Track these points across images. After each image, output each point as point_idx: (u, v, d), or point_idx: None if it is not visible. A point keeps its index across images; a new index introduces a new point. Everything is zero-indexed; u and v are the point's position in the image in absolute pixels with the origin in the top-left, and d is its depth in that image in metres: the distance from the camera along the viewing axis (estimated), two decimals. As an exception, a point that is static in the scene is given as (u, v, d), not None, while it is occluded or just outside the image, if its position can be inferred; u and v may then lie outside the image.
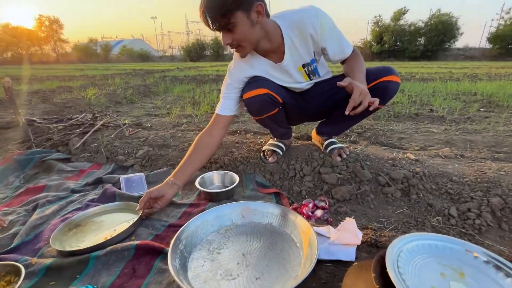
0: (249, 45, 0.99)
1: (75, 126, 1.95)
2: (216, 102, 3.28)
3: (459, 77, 5.89)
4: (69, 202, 1.13)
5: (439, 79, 5.50)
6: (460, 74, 6.66)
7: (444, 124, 2.25)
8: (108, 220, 1.02)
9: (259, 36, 0.99)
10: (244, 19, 0.91)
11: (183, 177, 1.11)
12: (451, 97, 3.45)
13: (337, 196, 1.13)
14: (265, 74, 1.14)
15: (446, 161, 1.31)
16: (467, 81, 5.14)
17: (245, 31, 0.93)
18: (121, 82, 5.54)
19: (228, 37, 0.95)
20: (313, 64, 1.15)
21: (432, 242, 0.53)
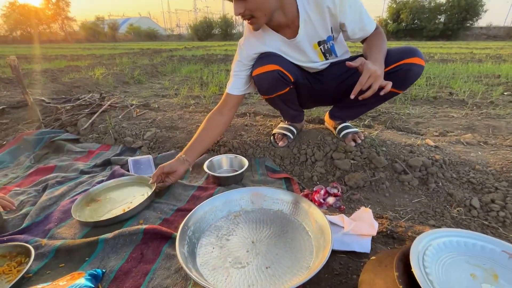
0: (262, 15, 0.91)
1: (83, 107, 1.93)
2: (224, 83, 3.20)
3: (481, 58, 5.54)
4: (78, 183, 1.13)
5: (459, 60, 5.19)
6: (483, 55, 6.26)
7: (465, 109, 2.12)
8: (123, 193, 1.05)
9: (273, 6, 0.91)
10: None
11: (194, 154, 1.11)
12: (472, 80, 3.25)
13: (350, 183, 1.09)
14: (277, 51, 1.07)
15: (468, 148, 1.24)
16: (490, 62, 4.83)
17: (260, 0, 0.86)
18: (128, 61, 5.47)
19: (241, 6, 0.87)
20: (330, 42, 1.06)
21: (461, 239, 0.49)
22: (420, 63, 1.00)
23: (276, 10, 0.93)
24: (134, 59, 6.12)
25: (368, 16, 1.00)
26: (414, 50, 1.01)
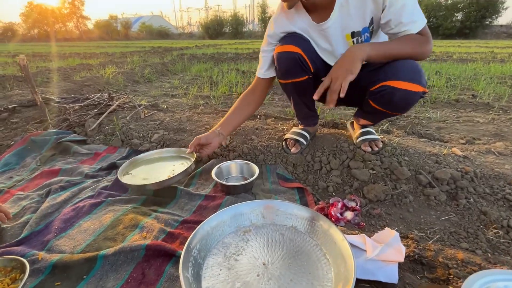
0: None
1: (91, 107, 1.91)
2: (234, 82, 3.14)
3: (503, 58, 5.27)
4: (81, 188, 1.08)
5: (480, 60, 4.95)
6: (505, 55, 5.95)
7: (491, 113, 1.98)
8: (164, 163, 1.17)
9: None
10: None
11: (228, 128, 1.17)
12: (496, 81, 3.07)
13: (369, 196, 1.00)
14: (306, 34, 1.00)
15: (501, 159, 1.12)
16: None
17: None
18: (139, 60, 5.48)
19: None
20: (365, 35, 0.93)
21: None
22: (409, 88, 0.85)
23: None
24: (145, 58, 6.14)
25: (413, 13, 0.84)
26: (408, 71, 0.85)
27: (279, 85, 1.17)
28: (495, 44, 11.06)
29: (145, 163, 1.20)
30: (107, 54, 7.75)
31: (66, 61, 5.71)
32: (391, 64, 0.89)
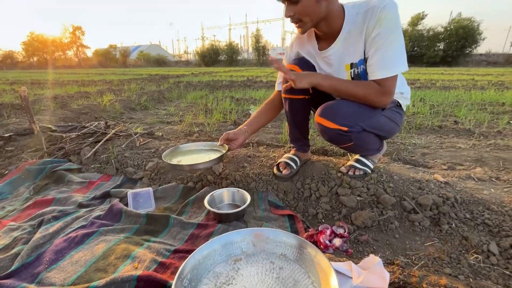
0: (309, 20, 0.95)
1: (87, 135, 1.95)
2: (228, 110, 3.25)
3: (483, 85, 5.59)
4: (74, 218, 1.09)
5: (461, 87, 5.24)
6: (485, 82, 6.32)
7: (472, 139, 2.09)
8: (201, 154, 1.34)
9: (321, 13, 0.94)
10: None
11: (252, 128, 1.31)
12: (476, 108, 3.25)
13: (357, 222, 1.03)
14: (311, 59, 1.14)
15: (480, 185, 1.18)
16: (493, 89, 4.86)
17: (308, 5, 0.91)
18: (136, 87, 5.63)
19: (291, 9, 0.94)
20: (361, 66, 1.01)
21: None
22: (323, 124, 1.00)
23: (323, 20, 0.97)
24: (142, 85, 6.32)
25: (387, 63, 0.92)
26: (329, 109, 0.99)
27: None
28: (475, 71, 11.73)
29: (183, 154, 1.38)
30: (105, 81, 7.95)
31: (64, 88, 5.83)
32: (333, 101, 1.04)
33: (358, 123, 1.00)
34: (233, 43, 38.53)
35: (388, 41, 0.90)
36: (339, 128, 0.99)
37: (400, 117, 1.15)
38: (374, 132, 1.09)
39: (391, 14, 0.88)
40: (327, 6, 0.94)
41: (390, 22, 0.88)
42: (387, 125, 1.10)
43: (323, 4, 0.93)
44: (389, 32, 0.89)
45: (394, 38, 0.90)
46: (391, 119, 1.10)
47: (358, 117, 1.00)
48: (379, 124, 1.07)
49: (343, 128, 0.99)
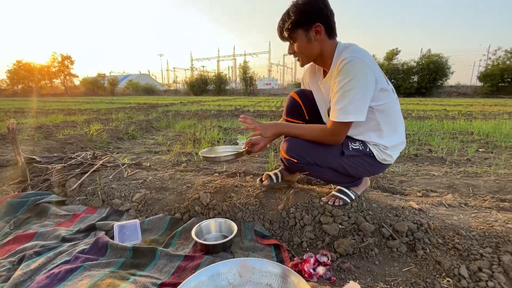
0: (305, 57, 1.15)
1: (74, 166, 1.94)
2: (216, 139, 3.32)
3: (454, 116, 6.04)
4: (57, 253, 1.07)
5: (435, 117, 5.64)
6: (455, 112, 6.83)
7: (444, 166, 2.24)
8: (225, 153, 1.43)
9: (314, 52, 1.12)
10: (303, 36, 1.08)
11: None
12: (448, 137, 3.49)
13: (339, 250, 1.08)
14: (313, 84, 1.32)
15: (451, 211, 1.28)
16: (462, 119, 5.26)
17: (302, 46, 1.10)
18: (124, 117, 5.67)
19: (290, 48, 1.15)
20: None
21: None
22: (282, 154, 1.20)
23: (318, 56, 1.14)
24: (130, 114, 6.37)
25: (342, 107, 1.01)
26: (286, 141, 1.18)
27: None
28: (447, 102, 12.66)
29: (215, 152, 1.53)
30: (92, 110, 7.93)
31: (49, 117, 5.76)
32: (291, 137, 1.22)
33: (305, 158, 1.15)
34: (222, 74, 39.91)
35: (344, 90, 1.00)
36: (290, 158, 1.17)
37: (370, 166, 1.20)
38: (334, 168, 1.18)
39: (352, 67, 0.99)
40: (320, 47, 1.10)
41: (349, 74, 0.99)
42: (351, 168, 1.19)
43: (315, 45, 1.10)
44: (346, 83, 1.00)
45: (350, 88, 0.99)
46: (355, 165, 1.18)
47: (306, 153, 1.15)
48: (337, 165, 1.17)
49: (292, 159, 1.16)
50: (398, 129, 1.20)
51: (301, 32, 1.07)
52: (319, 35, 1.07)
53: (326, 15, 1.06)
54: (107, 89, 41.46)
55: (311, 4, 1.04)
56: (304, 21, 1.05)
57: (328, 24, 1.07)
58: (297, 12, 1.04)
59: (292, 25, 1.06)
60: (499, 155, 2.60)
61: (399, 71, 28.65)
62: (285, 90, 42.06)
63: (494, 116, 6.08)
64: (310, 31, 1.06)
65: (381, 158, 1.20)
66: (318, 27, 1.06)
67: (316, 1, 1.04)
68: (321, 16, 1.05)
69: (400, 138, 1.22)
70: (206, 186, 1.56)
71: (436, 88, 27.83)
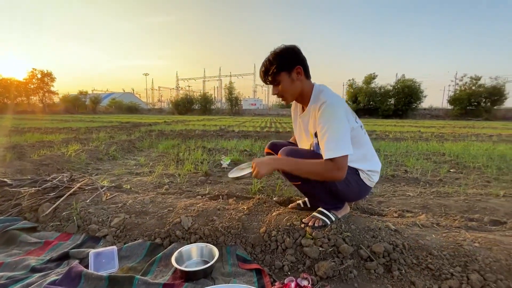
0: (289, 96, 1.29)
1: (48, 189, 1.86)
2: (200, 160, 3.31)
3: (427, 137, 6.40)
4: (25, 285, 1.01)
5: (410, 139, 5.95)
6: (429, 134, 7.25)
7: (419, 187, 2.35)
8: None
9: (297, 91, 1.27)
10: (286, 77, 1.23)
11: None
12: (422, 158, 3.69)
13: (320, 273, 1.09)
14: (295, 117, 1.44)
15: (424, 231, 1.34)
16: (435, 141, 5.58)
17: (286, 86, 1.24)
18: (105, 136, 5.53)
19: (275, 89, 1.27)
20: (316, 139, 1.26)
21: None
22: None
23: (300, 95, 1.29)
24: (112, 133, 6.23)
25: (330, 144, 1.12)
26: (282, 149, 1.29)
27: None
28: (422, 124, 13.43)
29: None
30: (71, 129, 7.68)
31: (23, 136, 5.51)
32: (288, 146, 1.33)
33: None
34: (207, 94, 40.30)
35: (332, 130, 1.13)
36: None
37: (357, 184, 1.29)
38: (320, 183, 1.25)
39: (333, 110, 1.15)
40: (301, 86, 1.26)
41: (331, 116, 1.14)
42: (342, 185, 1.25)
43: (298, 84, 1.25)
44: (331, 124, 1.14)
45: (336, 128, 1.13)
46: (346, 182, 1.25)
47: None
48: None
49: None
50: (371, 157, 1.35)
51: (285, 74, 1.22)
52: (301, 76, 1.24)
53: (302, 59, 1.24)
54: (89, 107, 40.42)
55: (288, 51, 1.22)
56: (286, 65, 1.21)
57: (304, 66, 1.25)
58: (279, 58, 1.21)
59: (276, 69, 1.21)
60: (468, 175, 2.77)
61: (377, 94, 30.28)
62: (270, 110, 42.97)
63: (463, 138, 6.52)
64: (292, 73, 1.22)
65: (363, 176, 1.32)
66: (299, 69, 1.22)
67: (291, 49, 1.22)
68: (299, 60, 1.23)
69: (373, 166, 1.35)
70: (188, 209, 1.55)
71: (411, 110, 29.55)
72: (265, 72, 1.24)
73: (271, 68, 1.22)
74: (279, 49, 1.22)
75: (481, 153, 3.95)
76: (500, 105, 28.18)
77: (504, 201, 1.95)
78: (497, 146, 4.81)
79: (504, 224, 1.50)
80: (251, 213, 1.51)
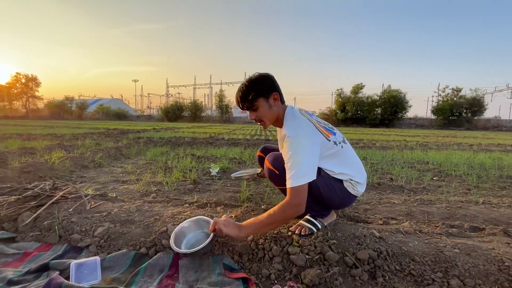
0: (267, 121, 1.34)
1: (29, 198, 1.80)
2: (188, 168, 3.28)
3: (412, 146, 6.60)
4: (1, 299, 0.96)
5: (396, 147, 6.11)
6: (413, 143, 7.47)
7: (403, 194, 2.42)
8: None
9: (274, 116, 1.33)
10: (264, 103, 1.29)
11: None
12: (407, 166, 3.80)
13: (306, 281, 1.10)
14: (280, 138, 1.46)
15: (407, 238, 1.37)
16: (419, 150, 5.76)
17: (264, 111, 1.30)
18: (91, 143, 5.40)
19: (253, 114, 1.32)
20: None
21: None
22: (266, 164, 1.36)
23: (276, 120, 1.36)
24: (99, 140, 6.09)
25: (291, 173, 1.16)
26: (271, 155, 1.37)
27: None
28: (407, 133, 13.83)
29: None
30: (55, 136, 7.46)
31: (4, 142, 5.31)
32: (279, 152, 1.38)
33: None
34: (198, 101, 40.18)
35: (291, 161, 1.18)
36: (273, 169, 1.31)
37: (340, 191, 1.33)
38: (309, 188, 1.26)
39: (293, 142, 1.20)
40: (277, 111, 1.33)
41: (292, 147, 1.19)
42: (325, 189, 1.29)
43: (275, 109, 1.32)
44: (290, 155, 1.18)
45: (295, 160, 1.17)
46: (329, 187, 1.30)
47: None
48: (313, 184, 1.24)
49: (275, 170, 1.30)
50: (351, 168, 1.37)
51: (262, 100, 1.28)
52: (277, 101, 1.31)
53: (277, 86, 1.32)
54: (75, 113, 39.43)
55: (265, 78, 1.30)
56: (264, 91, 1.28)
57: (279, 92, 1.33)
58: (256, 85, 1.27)
59: (254, 96, 1.27)
60: (450, 183, 2.87)
61: (364, 104, 31.08)
62: (260, 118, 43.08)
63: (446, 147, 6.76)
64: (269, 99, 1.29)
65: (347, 185, 1.35)
66: (275, 95, 1.30)
67: (267, 76, 1.30)
68: (275, 86, 1.31)
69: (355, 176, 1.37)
70: (175, 218, 1.53)
71: (397, 119, 30.45)
72: (243, 98, 1.29)
73: (249, 93, 1.27)
74: (255, 76, 1.29)
75: (462, 162, 4.11)
76: (480, 116, 29.52)
77: (483, 208, 2.02)
78: (477, 155, 5.01)
79: (483, 231, 1.56)
80: (239, 221, 1.51)
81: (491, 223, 1.74)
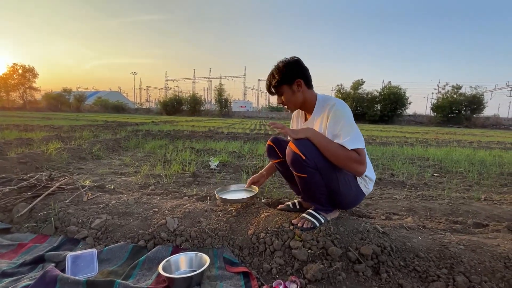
0: (292, 105, 1.38)
1: (25, 189, 1.76)
2: (187, 161, 3.25)
3: (412, 142, 6.58)
4: (-6, 291, 0.93)
5: (396, 143, 6.09)
6: (413, 139, 7.45)
7: (405, 190, 2.39)
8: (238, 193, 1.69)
9: (299, 101, 1.35)
10: (288, 89, 1.32)
11: (269, 172, 1.70)
12: (408, 162, 3.77)
13: (308, 276, 1.07)
14: (298, 124, 1.53)
15: (410, 233, 1.35)
16: (419, 146, 5.74)
17: (288, 97, 1.33)
18: (89, 135, 5.35)
19: (279, 99, 1.38)
20: None
21: None
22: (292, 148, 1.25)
23: (303, 104, 1.37)
24: (97, 132, 6.02)
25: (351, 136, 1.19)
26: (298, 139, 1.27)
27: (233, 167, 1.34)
28: (407, 129, 13.82)
29: (228, 192, 1.71)
30: (53, 127, 7.38)
31: (0, 133, 5.24)
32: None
33: (314, 159, 1.22)
34: (197, 95, 39.90)
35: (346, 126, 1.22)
36: (299, 153, 1.22)
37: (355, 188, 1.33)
38: (325, 181, 1.26)
39: (342, 108, 1.25)
40: (303, 96, 1.34)
41: (344, 115, 1.24)
42: (343, 185, 1.27)
43: (299, 95, 1.33)
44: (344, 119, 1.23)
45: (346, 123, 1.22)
46: (347, 183, 1.29)
47: (316, 156, 1.23)
48: (334, 177, 1.26)
49: (301, 154, 1.22)
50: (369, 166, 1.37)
51: (286, 87, 1.31)
52: (301, 87, 1.32)
53: (303, 72, 1.32)
54: (73, 105, 39.05)
55: (290, 65, 1.30)
56: (287, 79, 1.30)
57: (306, 78, 1.32)
58: (280, 73, 1.30)
59: (277, 83, 1.31)
60: (451, 180, 2.85)
61: (364, 100, 30.97)
62: (259, 113, 43.07)
63: (446, 144, 6.75)
64: (293, 86, 1.31)
65: (360, 182, 1.35)
66: (299, 82, 1.30)
67: (292, 62, 1.30)
68: (300, 73, 1.31)
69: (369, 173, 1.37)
70: (174, 210, 1.50)
71: (397, 116, 30.41)
72: (269, 85, 1.37)
73: (273, 81, 1.33)
74: (282, 63, 1.32)
75: (463, 159, 4.09)
76: (479, 114, 29.53)
77: (485, 205, 2.01)
78: (477, 152, 5.00)
79: (487, 227, 1.54)
80: (239, 214, 1.48)
81: (494, 219, 1.72)
